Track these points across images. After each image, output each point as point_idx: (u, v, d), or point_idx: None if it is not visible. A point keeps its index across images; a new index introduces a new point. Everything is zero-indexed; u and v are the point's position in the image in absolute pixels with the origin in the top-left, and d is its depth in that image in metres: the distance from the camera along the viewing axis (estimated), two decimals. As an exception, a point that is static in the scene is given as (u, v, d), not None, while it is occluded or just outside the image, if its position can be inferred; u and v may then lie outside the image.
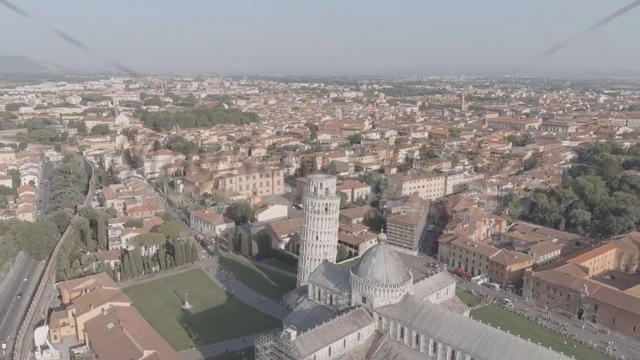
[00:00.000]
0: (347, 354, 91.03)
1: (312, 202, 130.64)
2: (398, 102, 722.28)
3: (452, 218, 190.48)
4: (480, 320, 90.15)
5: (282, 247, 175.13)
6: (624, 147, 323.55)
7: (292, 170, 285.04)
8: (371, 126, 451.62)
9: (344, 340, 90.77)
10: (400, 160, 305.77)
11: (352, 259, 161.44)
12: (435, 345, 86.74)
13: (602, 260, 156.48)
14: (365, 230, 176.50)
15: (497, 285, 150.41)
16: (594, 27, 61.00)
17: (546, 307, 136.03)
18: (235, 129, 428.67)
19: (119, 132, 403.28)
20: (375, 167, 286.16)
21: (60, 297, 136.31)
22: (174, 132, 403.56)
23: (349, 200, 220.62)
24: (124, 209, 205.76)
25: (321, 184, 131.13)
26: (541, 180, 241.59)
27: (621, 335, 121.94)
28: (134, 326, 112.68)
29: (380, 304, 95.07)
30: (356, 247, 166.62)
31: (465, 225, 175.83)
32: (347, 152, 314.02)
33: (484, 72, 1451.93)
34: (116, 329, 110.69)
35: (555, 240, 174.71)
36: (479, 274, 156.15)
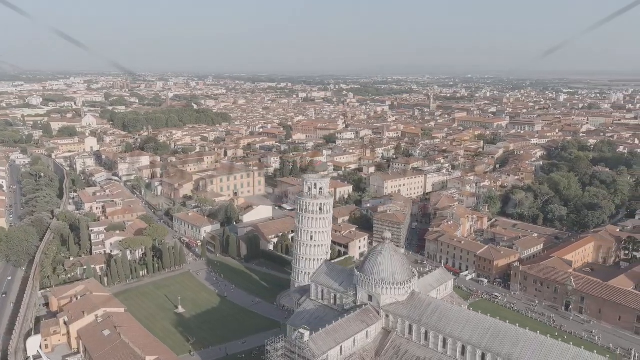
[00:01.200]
0: (357, 352, 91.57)
1: (306, 202, 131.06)
2: (368, 102, 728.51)
3: (436, 216, 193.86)
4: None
5: (271, 247, 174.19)
6: (589, 144, 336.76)
7: (271, 171, 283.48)
8: (344, 126, 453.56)
9: (354, 339, 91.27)
10: (377, 159, 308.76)
11: (343, 257, 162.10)
12: (445, 340, 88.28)
13: (582, 253, 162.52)
14: (354, 229, 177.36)
15: (485, 280, 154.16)
16: (594, 27, 63.28)
17: (536, 301, 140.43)
18: (207, 130, 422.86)
19: (87, 134, 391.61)
20: (353, 167, 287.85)
21: (47, 304, 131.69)
22: (146, 133, 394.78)
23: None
24: (104, 212, 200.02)
25: (315, 184, 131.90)
26: (516, 177, 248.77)
27: (607, 325, 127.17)
28: (132, 332, 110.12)
29: (387, 302, 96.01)
30: (346, 246, 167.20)
31: (450, 223, 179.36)
32: (325, 152, 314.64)
33: (446, 72, 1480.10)
34: (113, 336, 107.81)
35: (536, 235, 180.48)
36: (467, 270, 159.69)
